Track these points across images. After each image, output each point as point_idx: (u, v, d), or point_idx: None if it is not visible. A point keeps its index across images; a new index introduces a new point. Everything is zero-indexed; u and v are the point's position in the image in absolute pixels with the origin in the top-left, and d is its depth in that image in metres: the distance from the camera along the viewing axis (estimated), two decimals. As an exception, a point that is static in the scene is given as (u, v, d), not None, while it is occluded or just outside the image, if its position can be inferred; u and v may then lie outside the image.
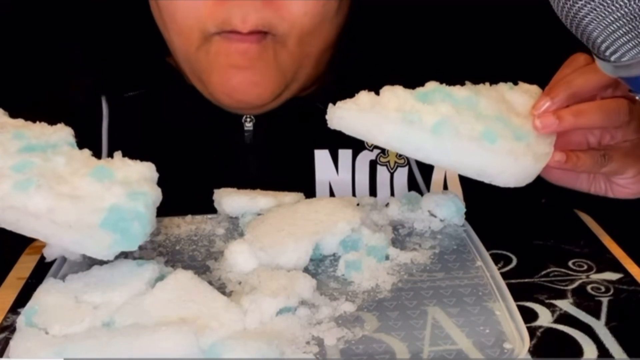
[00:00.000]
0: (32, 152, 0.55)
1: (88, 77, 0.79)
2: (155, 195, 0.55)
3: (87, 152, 0.58)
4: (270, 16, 0.68)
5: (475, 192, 0.78)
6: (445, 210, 0.68)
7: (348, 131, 0.57)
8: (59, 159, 0.55)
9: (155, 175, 0.57)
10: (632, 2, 0.43)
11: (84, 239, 0.52)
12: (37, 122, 0.59)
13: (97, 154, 0.75)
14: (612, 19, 0.44)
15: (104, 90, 0.78)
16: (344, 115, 0.57)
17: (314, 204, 0.65)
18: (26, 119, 0.60)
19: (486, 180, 0.56)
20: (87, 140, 0.61)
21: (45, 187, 0.52)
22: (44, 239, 0.53)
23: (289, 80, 0.73)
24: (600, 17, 0.45)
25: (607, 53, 0.47)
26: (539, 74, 0.62)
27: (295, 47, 0.71)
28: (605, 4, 0.44)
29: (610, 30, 0.45)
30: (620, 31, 0.45)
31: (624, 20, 0.44)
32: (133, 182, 0.55)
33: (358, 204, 0.67)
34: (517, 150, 0.55)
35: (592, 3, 0.44)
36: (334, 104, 0.58)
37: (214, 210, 0.70)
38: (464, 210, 0.68)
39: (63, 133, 0.58)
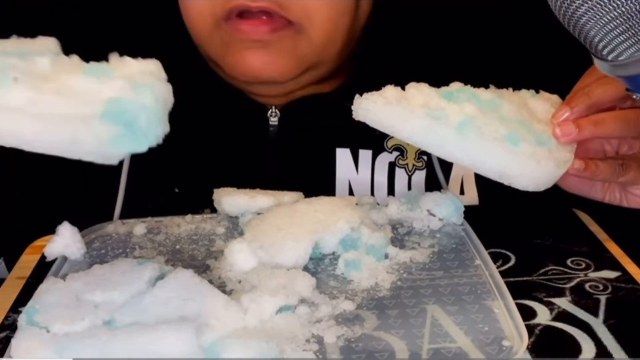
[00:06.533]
0: (7, 55, 0.45)
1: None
2: (165, 89, 0.46)
3: (76, 57, 0.48)
4: None
5: (491, 195, 0.78)
6: (444, 209, 0.68)
7: (372, 123, 0.57)
8: (42, 60, 0.46)
9: (162, 73, 0.48)
10: (629, 2, 0.44)
11: (77, 134, 0.42)
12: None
13: None
14: (609, 18, 0.45)
15: None
16: (370, 107, 0.57)
17: (313, 203, 0.66)
18: None
19: (506, 182, 0.56)
20: None
21: (23, 80, 0.43)
22: (30, 145, 0.43)
23: (309, 66, 0.74)
24: (597, 17, 0.45)
25: (605, 52, 0.47)
26: (559, 81, 0.63)
27: (318, 37, 0.71)
28: (601, 4, 0.44)
29: (607, 30, 0.45)
30: (617, 30, 0.45)
31: (621, 19, 0.45)
32: (135, 76, 0.46)
33: (357, 204, 0.68)
34: (539, 155, 0.56)
35: (589, 3, 0.45)
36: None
37: None
38: (463, 209, 0.68)
39: (47, 42, 0.48)
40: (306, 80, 0.76)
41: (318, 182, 0.75)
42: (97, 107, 0.43)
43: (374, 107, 0.57)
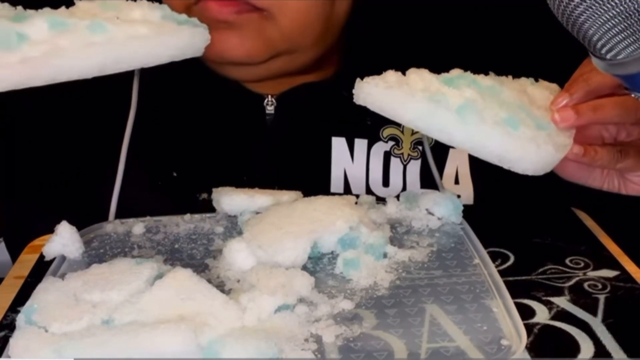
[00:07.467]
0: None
1: None
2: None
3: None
4: None
5: (486, 186, 0.78)
6: (443, 208, 0.68)
7: (373, 107, 0.57)
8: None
9: None
10: (627, 1, 0.44)
11: (172, 40, 0.54)
12: None
13: (126, 112, 0.76)
14: (607, 17, 0.45)
15: None
16: (371, 92, 0.57)
17: (312, 202, 0.66)
18: None
19: (505, 166, 0.56)
20: (116, 99, 0.60)
21: (120, 20, 0.52)
22: (152, 60, 0.54)
23: (279, 52, 0.73)
24: (595, 16, 0.45)
25: (603, 51, 0.47)
26: (557, 71, 0.62)
27: (288, 26, 0.70)
28: (600, 3, 0.44)
29: (605, 29, 0.45)
30: (615, 29, 0.45)
31: (619, 18, 0.44)
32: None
33: (356, 203, 0.68)
34: (539, 138, 0.56)
35: (587, 2, 0.45)
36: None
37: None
38: (462, 208, 0.68)
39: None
40: (282, 66, 0.75)
41: (314, 170, 0.75)
42: (171, 22, 0.54)
43: (376, 91, 0.57)
